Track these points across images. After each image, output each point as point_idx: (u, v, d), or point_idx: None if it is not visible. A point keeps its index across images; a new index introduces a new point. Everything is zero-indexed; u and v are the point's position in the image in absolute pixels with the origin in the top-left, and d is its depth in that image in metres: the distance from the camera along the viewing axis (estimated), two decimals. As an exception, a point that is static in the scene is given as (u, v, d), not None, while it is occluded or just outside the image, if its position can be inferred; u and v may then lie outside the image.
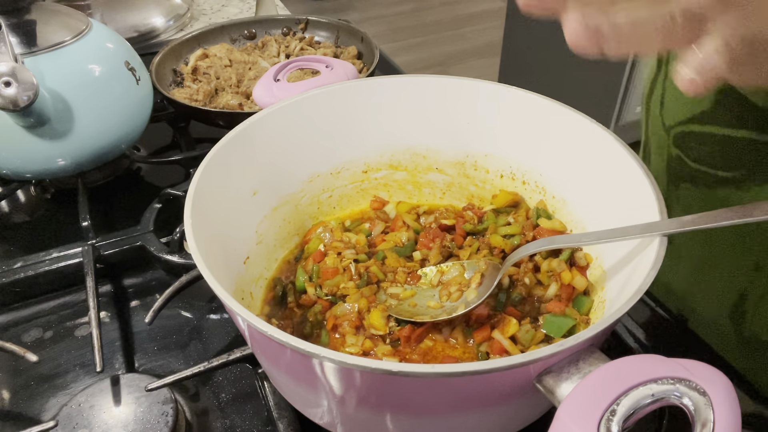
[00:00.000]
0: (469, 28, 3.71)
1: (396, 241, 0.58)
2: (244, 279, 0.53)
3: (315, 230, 0.60)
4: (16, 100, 0.59)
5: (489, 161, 0.61)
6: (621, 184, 0.48)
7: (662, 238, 0.40)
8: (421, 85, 0.59)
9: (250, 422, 0.51)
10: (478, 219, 0.60)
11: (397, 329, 0.50)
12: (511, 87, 0.57)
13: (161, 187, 0.72)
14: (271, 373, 0.47)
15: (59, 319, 0.61)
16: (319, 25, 1.04)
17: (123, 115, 0.73)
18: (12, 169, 0.69)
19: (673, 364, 0.31)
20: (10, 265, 0.63)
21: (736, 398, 0.30)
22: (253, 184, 0.55)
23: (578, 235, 0.54)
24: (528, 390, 0.35)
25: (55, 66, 0.66)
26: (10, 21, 0.66)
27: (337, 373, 0.35)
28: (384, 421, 0.40)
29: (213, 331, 0.60)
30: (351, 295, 0.53)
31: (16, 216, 0.78)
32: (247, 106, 0.86)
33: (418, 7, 3.96)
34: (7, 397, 0.54)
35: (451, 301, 0.52)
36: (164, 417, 0.47)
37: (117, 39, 0.76)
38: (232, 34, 1.02)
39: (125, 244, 0.65)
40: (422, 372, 0.32)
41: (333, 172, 0.62)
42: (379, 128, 0.61)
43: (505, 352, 0.47)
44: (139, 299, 0.64)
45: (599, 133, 0.50)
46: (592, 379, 0.32)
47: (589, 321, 0.50)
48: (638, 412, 0.30)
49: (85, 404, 0.48)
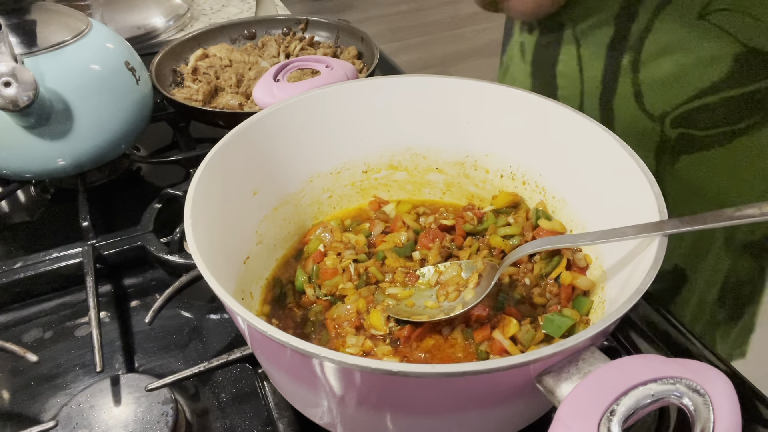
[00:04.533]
0: (469, 28, 3.70)
1: (396, 242, 0.58)
2: (244, 279, 0.53)
3: (315, 230, 0.60)
4: (16, 100, 0.59)
5: (489, 161, 0.61)
6: (621, 184, 0.48)
7: (662, 238, 0.40)
8: (421, 85, 0.59)
9: (250, 422, 0.51)
10: (478, 219, 0.60)
11: (397, 329, 0.50)
12: (511, 87, 0.57)
13: (161, 187, 0.72)
14: (271, 373, 0.47)
15: (59, 319, 0.61)
16: (319, 25, 1.04)
17: (123, 115, 0.73)
18: (12, 169, 0.69)
19: (673, 364, 0.31)
20: (10, 265, 0.63)
21: (736, 398, 0.30)
22: (253, 184, 0.55)
23: (577, 235, 0.54)
24: (528, 390, 0.35)
25: (55, 66, 0.66)
26: (10, 21, 0.66)
27: (337, 373, 0.35)
28: (384, 421, 0.40)
29: (213, 331, 0.60)
30: (349, 296, 0.53)
31: (16, 216, 0.78)
32: (247, 106, 0.86)
33: (418, 7, 3.96)
34: (7, 397, 0.54)
35: (448, 301, 0.52)
36: (164, 417, 0.47)
37: (117, 39, 0.76)
38: (232, 34, 1.02)
39: (125, 244, 0.65)
40: (422, 372, 0.32)
41: (333, 172, 0.62)
42: (379, 128, 0.61)
43: (505, 352, 0.47)
44: (139, 299, 0.64)
45: (599, 133, 0.50)
46: (592, 379, 0.32)
47: (589, 321, 0.50)
48: (638, 412, 0.30)
49: (85, 404, 0.48)
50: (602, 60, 0.73)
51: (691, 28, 0.65)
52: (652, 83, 0.71)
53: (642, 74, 0.70)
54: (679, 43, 0.67)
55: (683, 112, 0.70)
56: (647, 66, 0.70)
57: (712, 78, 0.67)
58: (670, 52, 0.68)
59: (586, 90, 0.77)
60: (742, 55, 0.65)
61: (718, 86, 0.67)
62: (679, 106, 0.70)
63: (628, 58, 0.71)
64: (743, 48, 0.64)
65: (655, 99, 0.71)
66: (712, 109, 0.68)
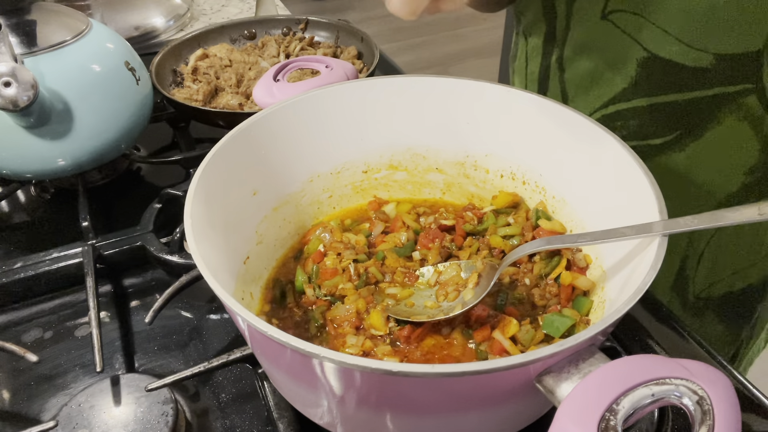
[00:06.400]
0: (469, 28, 3.70)
1: (396, 242, 0.58)
2: (244, 279, 0.53)
3: (315, 230, 0.60)
4: (16, 100, 0.59)
5: (489, 161, 0.61)
6: (621, 184, 0.48)
7: (662, 238, 0.40)
8: (421, 85, 0.59)
9: (250, 422, 0.51)
10: (478, 219, 0.60)
11: (397, 329, 0.50)
12: (511, 87, 0.57)
13: (161, 187, 0.72)
14: (271, 373, 0.47)
15: (59, 319, 0.61)
16: (319, 25, 1.04)
17: (123, 115, 0.73)
18: (12, 169, 0.69)
19: (673, 364, 0.31)
20: (10, 265, 0.63)
21: (736, 398, 0.30)
22: (253, 184, 0.55)
23: (577, 235, 0.54)
24: (528, 390, 0.35)
25: (55, 66, 0.66)
26: (10, 21, 0.66)
27: (337, 373, 0.35)
28: (384, 421, 0.40)
29: (213, 331, 0.60)
30: (349, 296, 0.53)
31: (16, 216, 0.78)
32: (247, 106, 0.86)
33: (418, 7, 3.95)
34: (7, 397, 0.54)
35: (448, 301, 0.52)
36: (164, 417, 0.47)
37: (117, 39, 0.76)
38: (232, 34, 1.02)
39: (125, 244, 0.65)
40: (422, 372, 0.32)
41: (333, 172, 0.62)
42: (379, 128, 0.61)
43: (505, 352, 0.47)
44: (139, 299, 0.64)
45: (599, 133, 0.50)
46: (592, 379, 0.32)
47: (589, 321, 0.50)
48: (638, 412, 0.30)
49: (85, 404, 0.48)
50: (539, 56, 0.73)
51: (596, 27, 0.64)
52: (574, 84, 0.70)
53: (567, 74, 0.70)
54: (591, 43, 0.66)
55: (600, 118, 0.68)
56: (570, 66, 0.69)
57: (622, 83, 0.65)
58: (586, 51, 0.67)
59: (528, 87, 0.76)
60: (645, 61, 0.62)
61: (628, 93, 0.65)
62: (597, 110, 0.69)
63: (555, 56, 0.70)
64: (646, 53, 0.62)
65: (578, 101, 0.71)
66: (627, 117, 0.66)
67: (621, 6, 0.61)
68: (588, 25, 0.65)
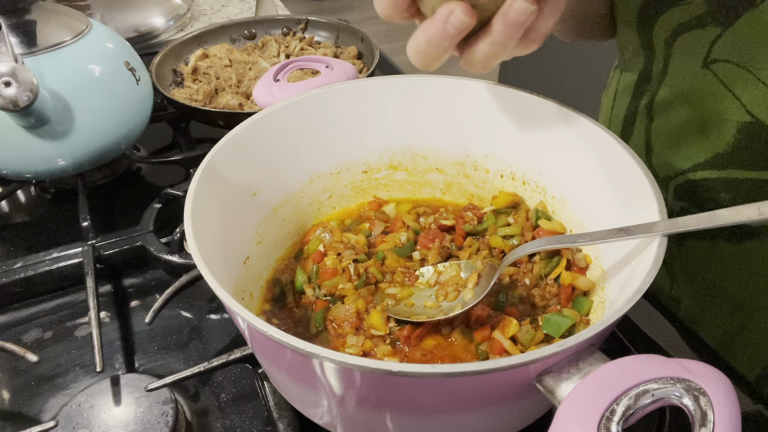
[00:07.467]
0: (469, 28, 3.70)
1: (396, 242, 0.58)
2: (244, 279, 0.53)
3: (315, 231, 0.60)
4: (16, 100, 0.59)
5: (489, 161, 0.61)
6: (621, 184, 0.48)
7: (662, 238, 0.40)
8: (421, 85, 0.59)
9: (250, 422, 0.51)
10: (478, 220, 0.60)
11: (397, 329, 0.50)
12: (511, 87, 0.57)
13: (161, 187, 0.72)
14: (271, 373, 0.47)
15: (59, 319, 0.61)
16: (319, 25, 1.04)
17: (123, 115, 0.73)
18: (12, 169, 0.69)
19: (673, 364, 0.31)
20: (10, 265, 0.63)
21: (736, 398, 0.30)
22: (253, 184, 0.55)
23: (577, 235, 0.54)
24: (528, 390, 0.35)
25: (55, 66, 0.66)
26: (10, 21, 0.66)
27: (337, 373, 0.35)
28: (384, 421, 0.40)
29: (213, 331, 0.60)
30: (349, 296, 0.53)
31: (16, 216, 0.78)
32: (247, 106, 0.86)
33: (418, 7, 3.95)
34: (7, 397, 0.54)
35: (447, 301, 0.52)
36: (164, 417, 0.47)
37: (117, 39, 0.76)
38: (232, 34, 1.02)
39: (125, 245, 0.65)
40: (422, 372, 0.32)
41: (333, 172, 0.62)
42: (379, 128, 0.61)
43: (505, 352, 0.47)
44: (139, 299, 0.64)
45: (599, 134, 0.50)
46: (592, 379, 0.32)
47: (589, 321, 0.50)
48: (638, 412, 0.30)
49: (85, 404, 0.48)
50: (629, 96, 0.63)
51: (696, 76, 0.54)
52: (661, 137, 0.60)
53: (655, 123, 0.60)
54: (688, 94, 0.56)
55: (685, 183, 0.58)
56: (660, 114, 0.60)
57: (716, 148, 0.54)
58: (680, 103, 0.57)
59: (611, 128, 0.64)
60: (747, 127, 0.51)
61: (722, 160, 0.54)
62: (682, 172, 0.58)
63: (646, 100, 0.61)
64: (749, 117, 0.51)
65: (662, 157, 0.60)
66: (713, 188, 0.56)
67: (727, 56, 0.51)
68: (687, 72, 0.55)
